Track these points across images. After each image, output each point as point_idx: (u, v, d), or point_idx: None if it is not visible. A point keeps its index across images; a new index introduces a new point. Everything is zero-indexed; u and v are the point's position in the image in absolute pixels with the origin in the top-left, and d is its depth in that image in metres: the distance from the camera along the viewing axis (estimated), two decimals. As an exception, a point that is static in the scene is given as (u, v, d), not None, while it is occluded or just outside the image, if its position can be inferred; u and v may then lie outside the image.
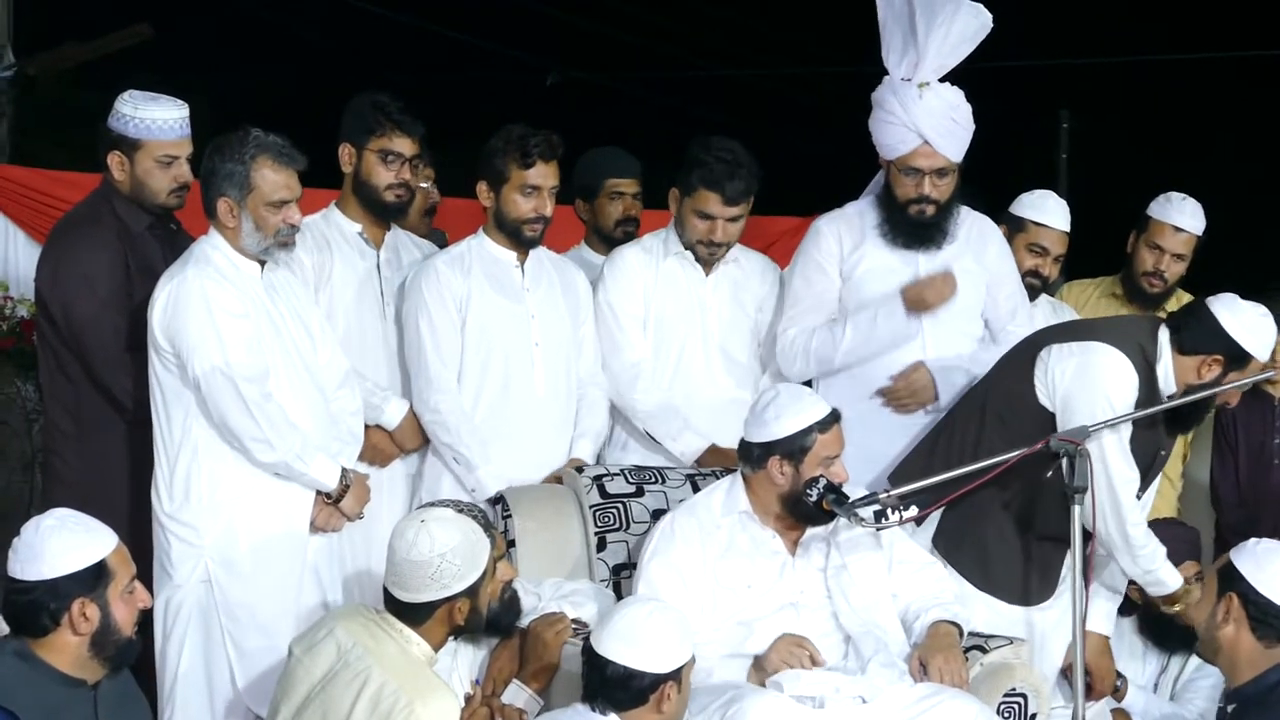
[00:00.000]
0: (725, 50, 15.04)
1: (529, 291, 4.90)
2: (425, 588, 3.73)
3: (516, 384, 4.85)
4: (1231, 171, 15.51)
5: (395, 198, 4.86)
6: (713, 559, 4.25)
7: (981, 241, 5.09)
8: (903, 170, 4.92)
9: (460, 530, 3.79)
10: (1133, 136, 15.33)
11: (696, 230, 4.99)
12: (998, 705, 4.20)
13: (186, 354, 4.29)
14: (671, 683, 3.70)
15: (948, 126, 4.89)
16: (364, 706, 3.59)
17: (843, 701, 4.06)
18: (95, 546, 3.38)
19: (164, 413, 4.38)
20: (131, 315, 4.61)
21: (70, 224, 4.86)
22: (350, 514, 4.49)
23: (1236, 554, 3.70)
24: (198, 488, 4.34)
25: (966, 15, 4.86)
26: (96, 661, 3.38)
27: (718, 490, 4.38)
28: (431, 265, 4.85)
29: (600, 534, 4.67)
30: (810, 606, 4.27)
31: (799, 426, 4.21)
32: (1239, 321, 4.40)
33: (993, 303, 5.06)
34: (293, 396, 4.40)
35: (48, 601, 3.32)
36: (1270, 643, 3.62)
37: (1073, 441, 4.19)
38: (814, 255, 5.03)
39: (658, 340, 5.07)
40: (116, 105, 4.72)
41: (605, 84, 14.86)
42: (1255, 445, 5.68)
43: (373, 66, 14.53)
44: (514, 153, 4.77)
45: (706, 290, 5.10)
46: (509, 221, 4.83)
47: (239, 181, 4.33)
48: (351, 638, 3.73)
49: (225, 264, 4.38)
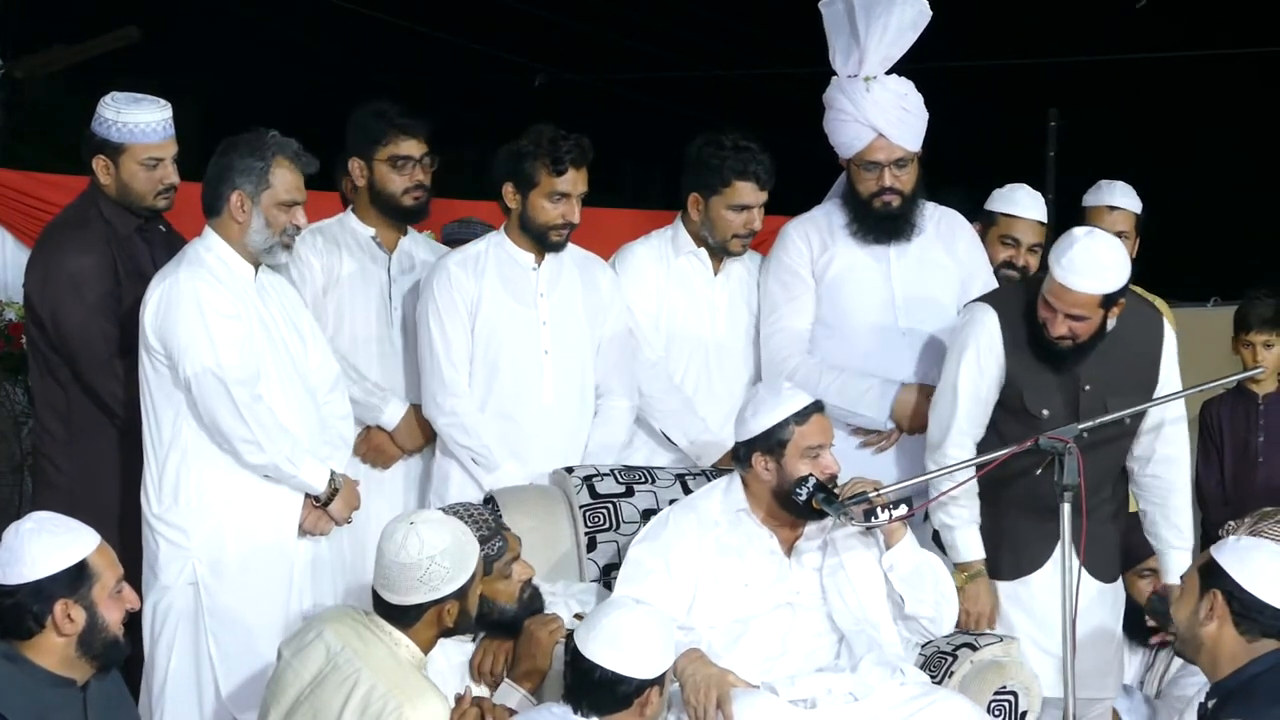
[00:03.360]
0: (713, 51, 15.05)
1: (543, 297, 4.85)
2: (414, 590, 3.72)
3: (525, 392, 4.81)
4: (1219, 170, 15.55)
5: (414, 200, 4.88)
6: (709, 556, 4.26)
7: (951, 235, 5.12)
8: (862, 166, 4.96)
9: (449, 532, 3.79)
10: (1121, 135, 15.34)
11: (733, 225, 4.98)
12: (988, 703, 4.21)
13: (177, 355, 4.29)
14: (656, 687, 3.70)
15: (899, 116, 4.92)
16: (353, 709, 3.59)
17: (834, 701, 4.08)
18: (76, 547, 3.37)
19: (154, 414, 4.38)
20: (121, 320, 4.61)
21: (58, 228, 4.86)
22: (339, 518, 4.48)
23: (1218, 551, 3.69)
24: (186, 489, 4.34)
25: (903, 6, 4.91)
26: (84, 661, 3.38)
27: (716, 489, 4.40)
28: (444, 266, 4.82)
29: (590, 534, 4.67)
30: (806, 607, 4.29)
31: (775, 420, 4.23)
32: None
33: (966, 295, 5.07)
34: (283, 399, 4.40)
35: (30, 604, 3.31)
36: (1253, 637, 3.63)
37: (1061, 440, 4.20)
38: (784, 260, 5.06)
39: (668, 339, 5.06)
40: (99, 109, 4.71)
41: (593, 85, 14.86)
42: (1239, 443, 5.71)
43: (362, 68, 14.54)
44: (545, 158, 4.71)
45: (716, 289, 5.10)
46: (535, 226, 4.79)
47: (256, 177, 4.35)
48: (340, 640, 3.73)
49: (218, 265, 4.38)
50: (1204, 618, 3.66)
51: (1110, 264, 4.33)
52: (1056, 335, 4.40)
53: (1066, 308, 4.35)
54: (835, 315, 5.01)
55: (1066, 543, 4.19)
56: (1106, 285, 4.33)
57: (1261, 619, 3.62)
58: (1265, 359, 5.62)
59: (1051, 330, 4.40)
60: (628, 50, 14.84)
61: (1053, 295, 4.37)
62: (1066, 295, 4.34)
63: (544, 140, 4.73)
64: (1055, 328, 4.39)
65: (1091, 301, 4.34)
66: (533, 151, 4.73)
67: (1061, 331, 4.39)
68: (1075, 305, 4.34)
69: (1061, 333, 4.39)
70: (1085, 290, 4.32)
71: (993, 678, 4.27)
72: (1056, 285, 4.34)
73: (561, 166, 4.71)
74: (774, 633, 4.24)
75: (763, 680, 4.11)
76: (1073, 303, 4.34)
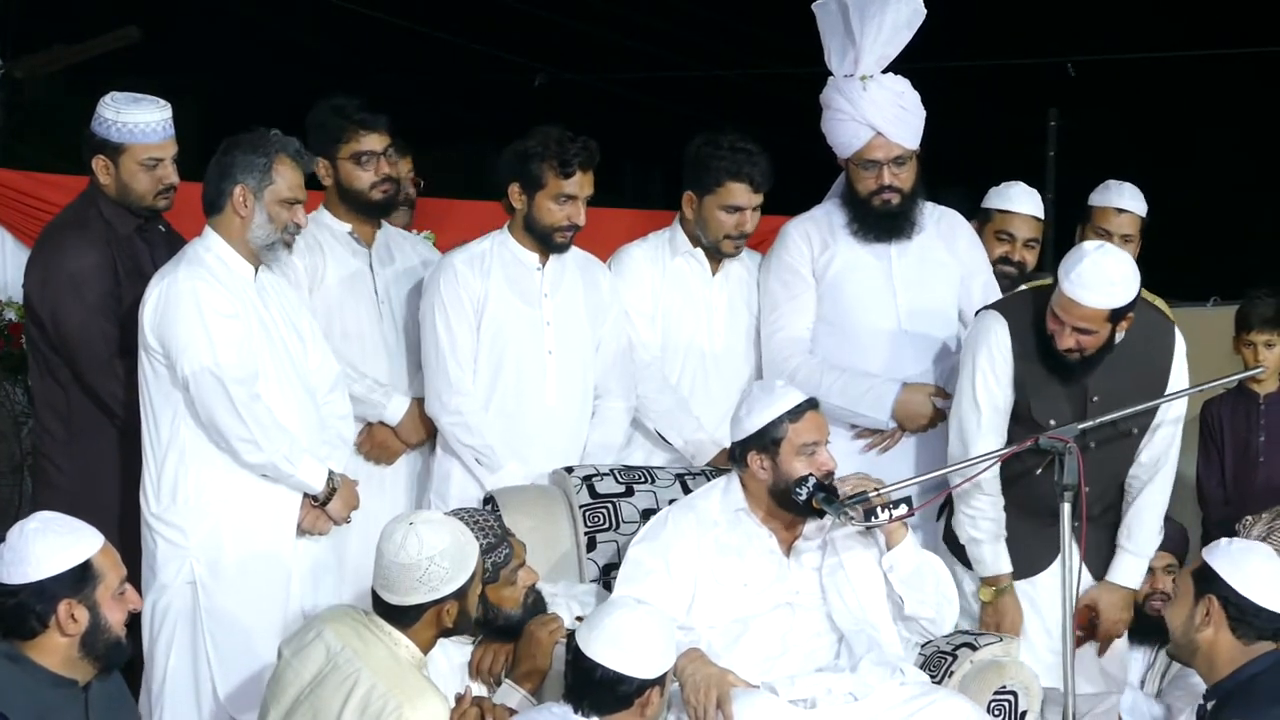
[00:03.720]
0: (713, 51, 15.05)
1: (547, 297, 4.85)
2: (413, 590, 3.72)
3: (528, 392, 4.81)
4: (1219, 170, 15.55)
5: (382, 194, 4.87)
6: (709, 556, 4.26)
7: (952, 234, 5.14)
8: (860, 165, 4.97)
9: (449, 533, 3.79)
10: (1122, 135, 15.35)
11: (724, 225, 4.98)
12: (988, 703, 4.21)
13: (176, 354, 4.29)
14: (656, 688, 3.70)
15: (896, 114, 4.94)
16: (353, 709, 3.59)
17: (834, 701, 4.08)
18: (80, 547, 3.37)
19: (152, 413, 4.38)
20: (121, 319, 4.61)
21: (58, 228, 4.86)
22: (337, 517, 4.48)
23: (1210, 555, 3.68)
24: (185, 489, 4.34)
25: (897, 5, 4.91)
26: (87, 662, 3.38)
27: (715, 489, 4.40)
28: (450, 264, 4.81)
29: (590, 534, 4.68)
30: (805, 607, 4.29)
31: (769, 419, 4.23)
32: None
33: (966, 293, 5.09)
34: (282, 399, 4.40)
35: (34, 604, 3.31)
36: (1249, 640, 3.62)
37: (1061, 439, 4.21)
38: (785, 258, 5.07)
39: (665, 339, 5.06)
40: (99, 109, 4.71)
41: (593, 85, 14.86)
42: (1240, 443, 5.70)
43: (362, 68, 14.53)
44: (553, 160, 4.71)
45: (713, 289, 5.10)
46: (540, 227, 4.79)
47: (259, 173, 4.36)
48: (340, 640, 3.73)
49: (218, 265, 4.38)
50: (1200, 623, 3.65)
51: (1119, 279, 4.34)
52: (1064, 348, 4.43)
53: (1074, 321, 4.37)
54: (836, 314, 5.02)
55: (1066, 541, 4.20)
56: (1115, 300, 4.35)
57: (1258, 623, 3.62)
58: (1266, 358, 5.61)
59: (1059, 343, 4.43)
60: (627, 50, 14.85)
61: (1061, 309, 4.39)
62: (1074, 309, 4.36)
63: (552, 142, 4.72)
64: (1063, 340, 4.42)
65: (1099, 316, 4.36)
66: (540, 153, 4.72)
67: (1069, 344, 4.42)
68: (1083, 319, 4.37)
69: (1069, 345, 4.42)
70: (1093, 305, 4.34)
71: (992, 677, 4.27)
72: (1065, 299, 4.37)
73: (569, 169, 4.71)
74: (773, 632, 4.24)
75: (762, 680, 4.11)
76: (1080, 316, 4.36)
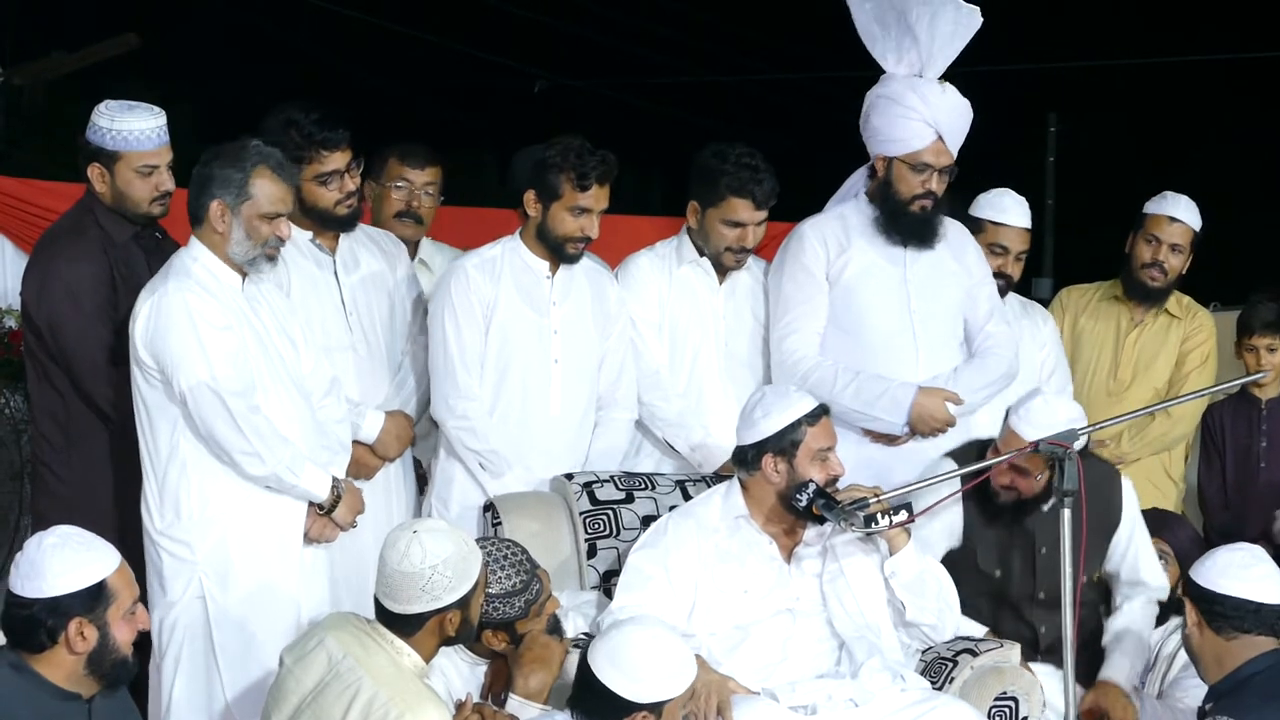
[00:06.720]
0: (713, 56, 15.07)
1: (555, 306, 4.84)
2: (416, 599, 3.71)
3: (533, 400, 4.80)
4: (1218, 174, 15.56)
5: (347, 209, 4.77)
6: (709, 562, 4.25)
7: (961, 245, 5.13)
8: (913, 166, 4.93)
9: (452, 542, 3.78)
10: (1120, 140, 15.37)
11: (725, 239, 4.97)
12: (989, 709, 4.22)
13: (171, 369, 4.24)
14: (650, 714, 3.63)
15: (961, 125, 4.95)
16: (355, 717, 3.58)
17: (835, 707, 4.08)
18: (96, 566, 3.37)
19: (149, 428, 4.33)
20: (117, 327, 4.58)
21: (54, 236, 4.84)
22: (343, 524, 4.46)
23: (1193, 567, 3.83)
24: (188, 503, 4.29)
25: (956, 9, 4.86)
26: (92, 679, 3.38)
27: (714, 495, 4.40)
28: (462, 268, 4.80)
29: (590, 540, 4.67)
30: (806, 613, 4.29)
31: (787, 421, 4.22)
32: None
33: (973, 304, 5.08)
34: (280, 407, 4.37)
35: (45, 619, 3.31)
36: (1229, 634, 3.70)
37: (1061, 445, 4.21)
38: (801, 260, 5.03)
39: (672, 347, 5.05)
40: (93, 117, 4.69)
41: (592, 91, 14.88)
42: (1241, 448, 5.71)
43: (362, 75, 14.55)
44: (571, 172, 4.69)
45: (720, 298, 5.09)
46: (553, 237, 4.78)
47: (236, 188, 4.28)
48: (342, 648, 3.72)
49: (206, 276, 4.31)
50: (1189, 629, 3.77)
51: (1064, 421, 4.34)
52: (999, 485, 4.50)
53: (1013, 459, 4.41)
54: (849, 317, 5.00)
55: (1066, 551, 4.17)
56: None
57: (1226, 611, 3.69)
58: (1269, 363, 5.62)
59: (995, 480, 4.49)
60: (627, 56, 14.87)
61: (1004, 443, 4.46)
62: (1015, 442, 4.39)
63: (571, 154, 4.70)
64: (998, 477, 4.48)
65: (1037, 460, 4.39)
66: (559, 164, 4.70)
67: (1004, 481, 4.49)
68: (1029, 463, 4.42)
69: (1004, 483, 4.50)
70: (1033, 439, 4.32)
71: (993, 683, 4.27)
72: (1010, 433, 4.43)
73: (587, 182, 4.70)
74: (774, 639, 4.24)
75: (763, 686, 4.11)
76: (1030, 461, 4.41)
